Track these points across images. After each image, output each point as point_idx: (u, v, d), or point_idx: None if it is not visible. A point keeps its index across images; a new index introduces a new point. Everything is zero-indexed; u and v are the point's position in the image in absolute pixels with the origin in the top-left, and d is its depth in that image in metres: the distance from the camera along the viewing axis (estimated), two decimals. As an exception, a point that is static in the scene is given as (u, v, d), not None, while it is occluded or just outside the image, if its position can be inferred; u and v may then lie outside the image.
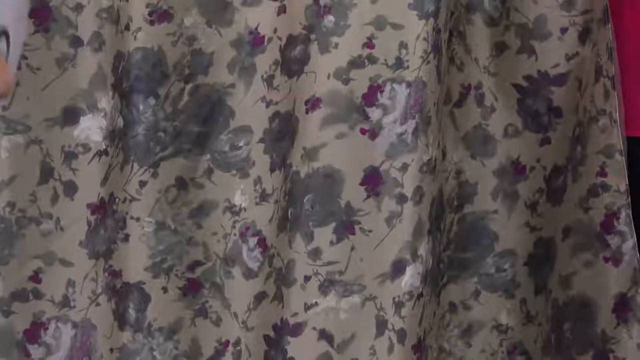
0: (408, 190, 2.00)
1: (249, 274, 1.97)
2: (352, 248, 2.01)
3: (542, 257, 2.10)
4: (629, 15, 1.98)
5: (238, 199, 1.97)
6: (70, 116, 1.84)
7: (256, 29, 1.93)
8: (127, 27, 1.91)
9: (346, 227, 2.02)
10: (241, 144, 1.95)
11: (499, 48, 2.07)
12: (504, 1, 2.04)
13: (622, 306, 2.02)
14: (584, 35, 2.01)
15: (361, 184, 2.01)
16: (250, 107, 1.95)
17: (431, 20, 1.97)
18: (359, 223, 2.02)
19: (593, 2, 1.99)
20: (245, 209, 1.97)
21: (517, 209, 2.09)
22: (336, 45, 2.00)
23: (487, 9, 2.05)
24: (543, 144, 2.07)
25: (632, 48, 1.98)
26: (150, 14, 1.92)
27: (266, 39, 1.94)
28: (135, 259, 1.96)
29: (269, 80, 1.95)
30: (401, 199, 2.00)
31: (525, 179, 2.09)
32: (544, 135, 2.06)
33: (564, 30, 2.01)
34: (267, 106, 1.96)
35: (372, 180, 2.01)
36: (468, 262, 2.11)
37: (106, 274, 1.92)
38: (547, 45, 2.02)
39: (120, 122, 1.91)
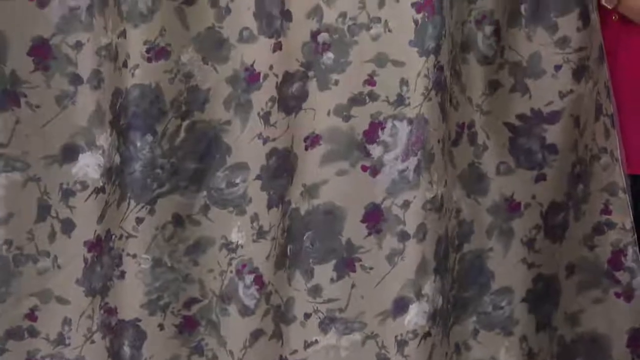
0: (410, 228, 2.00)
1: (245, 311, 1.97)
2: (353, 285, 2.02)
3: (542, 293, 2.11)
4: (624, 56, 2.00)
5: (235, 236, 1.97)
6: (69, 154, 1.84)
7: (252, 65, 1.93)
8: (125, 64, 1.91)
9: (347, 264, 2.02)
10: (238, 180, 1.95)
11: (493, 86, 2.08)
12: (498, 40, 2.06)
13: (636, 340, 2.05)
14: (579, 72, 2.02)
15: (362, 221, 2.02)
16: (246, 144, 1.95)
17: (432, 57, 1.98)
18: (360, 260, 2.02)
19: (587, 40, 2.01)
20: (242, 246, 1.96)
21: (513, 246, 2.10)
22: (336, 82, 2.00)
23: (481, 48, 2.07)
24: (538, 181, 2.08)
25: (627, 87, 2.01)
26: (147, 51, 1.92)
27: (262, 75, 1.94)
28: (131, 296, 1.96)
29: (265, 117, 1.95)
30: (403, 236, 2.01)
31: (520, 216, 2.10)
32: (539, 172, 2.07)
33: (557, 68, 2.03)
34: (264, 143, 1.96)
35: (373, 218, 2.02)
36: (467, 301, 2.11)
37: (102, 311, 1.91)
38: (541, 83, 2.04)
39: (117, 159, 1.90)
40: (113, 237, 1.92)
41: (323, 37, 1.99)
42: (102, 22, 1.83)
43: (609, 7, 1.94)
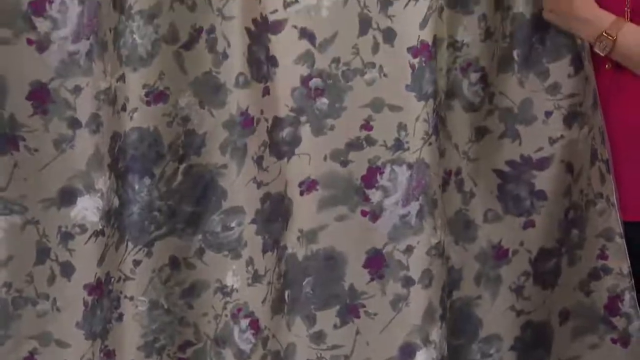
0: (415, 273, 2.01)
1: (240, 355, 1.98)
2: (357, 332, 2.03)
3: (532, 341, 2.11)
4: (614, 103, 2.02)
5: (230, 280, 1.97)
6: (67, 197, 1.85)
7: (246, 110, 1.94)
8: (124, 108, 1.93)
9: (350, 310, 2.03)
10: (233, 224, 1.96)
11: (480, 133, 2.09)
12: (485, 87, 2.07)
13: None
14: (569, 118, 2.03)
15: (364, 267, 2.03)
16: (242, 188, 1.96)
17: (430, 101, 1.99)
18: (364, 306, 2.03)
19: (580, 86, 2.02)
20: (237, 290, 1.97)
21: (501, 293, 2.10)
22: (332, 127, 2.02)
23: (466, 95, 2.08)
24: (527, 227, 2.08)
25: (619, 135, 2.02)
26: (147, 95, 1.94)
27: (255, 119, 1.96)
28: (128, 338, 1.97)
29: (258, 161, 1.97)
30: (407, 281, 2.01)
31: (508, 263, 2.10)
32: (527, 219, 2.08)
33: (548, 114, 2.03)
34: (259, 187, 1.97)
35: (375, 263, 2.03)
36: (457, 349, 2.12)
37: (101, 354, 1.92)
38: (532, 130, 2.04)
39: (116, 201, 1.92)
40: (112, 279, 1.93)
41: (315, 82, 2.01)
42: (101, 67, 1.85)
43: (601, 54, 1.95)
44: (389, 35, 1.99)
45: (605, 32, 1.93)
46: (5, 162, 1.83)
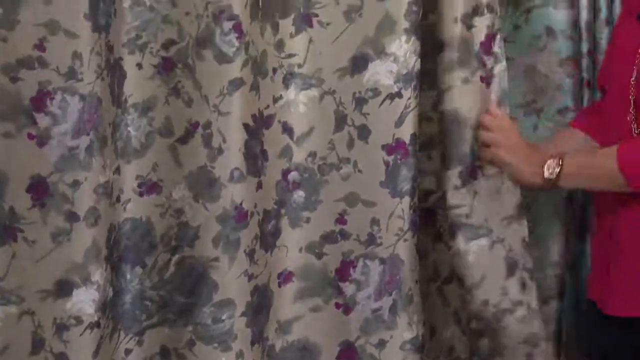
0: None
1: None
2: None
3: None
4: None
5: None
6: (64, 289, 1.87)
7: (241, 204, 1.97)
8: (118, 199, 1.97)
9: None
10: (224, 317, 1.98)
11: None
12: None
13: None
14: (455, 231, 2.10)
15: (337, 358, 2.06)
16: (233, 281, 1.98)
17: (406, 198, 2.03)
18: None
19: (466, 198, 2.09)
20: None
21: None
22: (308, 220, 2.06)
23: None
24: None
25: None
26: (139, 186, 1.98)
27: (249, 213, 1.99)
28: None
29: (250, 255, 2.00)
30: None
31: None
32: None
33: None
34: (249, 280, 1.99)
35: (348, 356, 2.06)
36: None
37: None
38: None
39: (110, 292, 1.94)
40: None
41: (293, 175, 2.06)
42: (101, 161, 1.89)
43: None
44: (364, 132, 2.04)
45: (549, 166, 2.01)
46: (3, 253, 1.86)
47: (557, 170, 1.99)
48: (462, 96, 2.05)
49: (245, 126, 1.97)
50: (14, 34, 1.83)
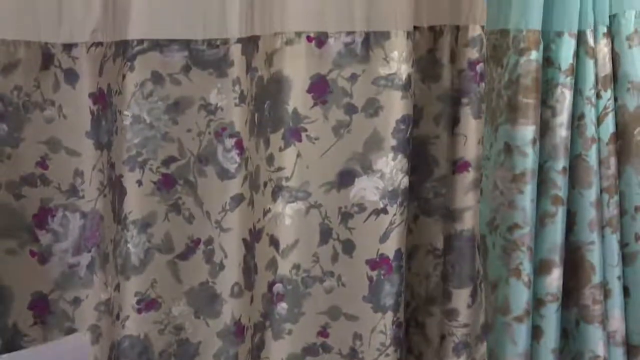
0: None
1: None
2: None
3: None
4: None
5: None
6: None
7: (239, 319, 1.97)
8: (118, 317, 1.95)
9: None
10: None
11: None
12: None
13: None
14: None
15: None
16: None
17: (389, 313, 2.03)
18: None
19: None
20: None
21: None
22: (290, 332, 2.06)
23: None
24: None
25: None
26: (138, 303, 1.97)
27: (245, 328, 1.99)
28: None
29: None
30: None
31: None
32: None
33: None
34: None
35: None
36: None
37: None
38: None
39: None
40: None
41: (277, 287, 2.06)
42: (102, 278, 1.88)
43: None
44: (348, 247, 2.05)
45: None
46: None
47: None
48: None
49: (244, 241, 1.98)
50: (17, 151, 1.84)
